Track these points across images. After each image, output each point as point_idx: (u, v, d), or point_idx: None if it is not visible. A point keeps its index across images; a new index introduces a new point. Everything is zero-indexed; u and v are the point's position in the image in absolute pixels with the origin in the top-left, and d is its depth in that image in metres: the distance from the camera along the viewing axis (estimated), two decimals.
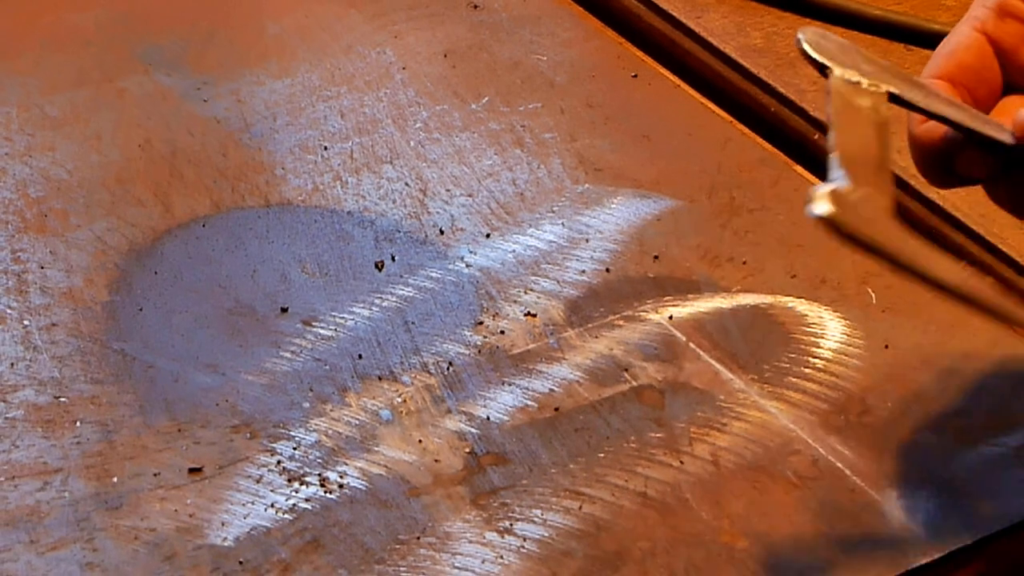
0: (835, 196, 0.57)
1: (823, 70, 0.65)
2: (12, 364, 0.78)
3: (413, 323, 0.81)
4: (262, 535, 0.70)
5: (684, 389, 0.77)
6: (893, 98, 0.64)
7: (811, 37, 0.66)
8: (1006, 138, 0.65)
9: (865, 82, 0.64)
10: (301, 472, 0.73)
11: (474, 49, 1.02)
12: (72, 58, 1.00)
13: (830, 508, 0.71)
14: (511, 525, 0.70)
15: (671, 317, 0.81)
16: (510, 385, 0.77)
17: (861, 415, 0.76)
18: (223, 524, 0.70)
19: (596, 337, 0.80)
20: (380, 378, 0.78)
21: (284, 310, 0.82)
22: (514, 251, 0.86)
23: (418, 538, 0.69)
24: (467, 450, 0.74)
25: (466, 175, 0.91)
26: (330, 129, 0.95)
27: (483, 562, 0.68)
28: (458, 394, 0.77)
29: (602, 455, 0.73)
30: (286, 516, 0.70)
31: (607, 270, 0.84)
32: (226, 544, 0.69)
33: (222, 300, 0.82)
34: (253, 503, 0.71)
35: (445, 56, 1.01)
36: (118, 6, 1.05)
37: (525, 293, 0.83)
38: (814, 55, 0.65)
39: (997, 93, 0.69)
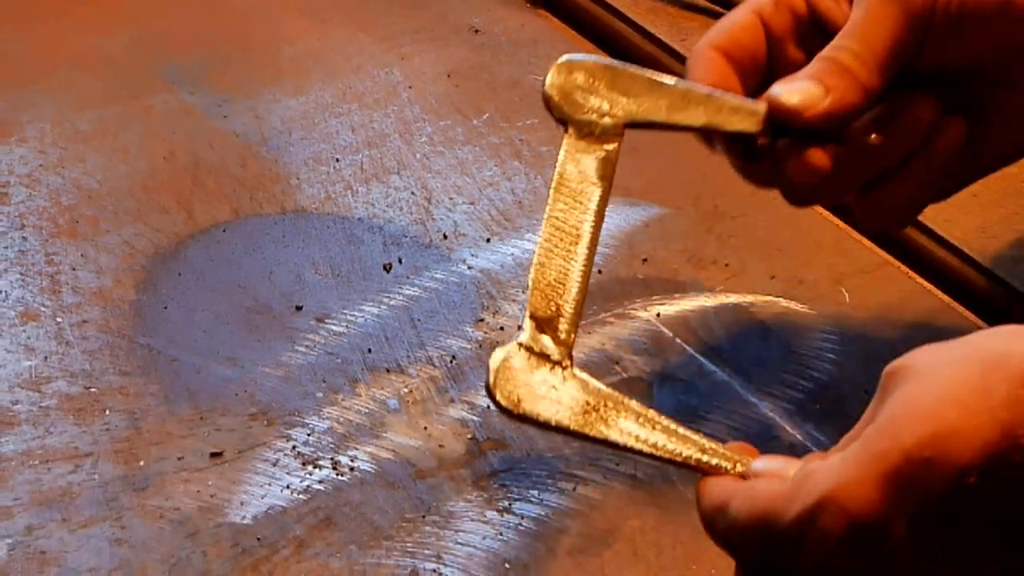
0: (503, 369, 0.58)
1: (562, 124, 0.64)
2: (46, 358, 0.79)
3: (419, 320, 0.82)
4: (278, 514, 0.70)
5: (670, 381, 0.77)
6: (633, 125, 0.65)
7: (556, 80, 0.64)
8: (750, 126, 0.66)
9: (601, 122, 0.64)
10: (314, 456, 0.73)
11: (476, 69, 1.03)
12: (101, 78, 1.01)
13: None
14: (510, 505, 0.71)
15: (659, 315, 0.82)
16: None
17: (836, 403, 0.76)
18: (242, 504, 0.71)
19: (589, 333, 0.81)
20: (388, 370, 0.78)
21: (299, 308, 0.82)
22: (513, 254, 0.86)
23: (423, 517, 0.70)
24: (469, 436, 0.74)
25: (468, 185, 0.92)
26: (341, 143, 0.96)
27: (483, 538, 0.69)
28: (460, 385, 0.77)
29: None
30: (301, 496, 0.71)
31: (599, 271, 0.85)
32: (245, 522, 0.70)
33: (241, 299, 0.83)
34: (270, 484, 0.72)
35: (448, 76, 1.02)
36: (144, 30, 1.06)
37: (523, 292, 0.83)
38: (555, 110, 0.64)
39: (761, 74, 0.71)
